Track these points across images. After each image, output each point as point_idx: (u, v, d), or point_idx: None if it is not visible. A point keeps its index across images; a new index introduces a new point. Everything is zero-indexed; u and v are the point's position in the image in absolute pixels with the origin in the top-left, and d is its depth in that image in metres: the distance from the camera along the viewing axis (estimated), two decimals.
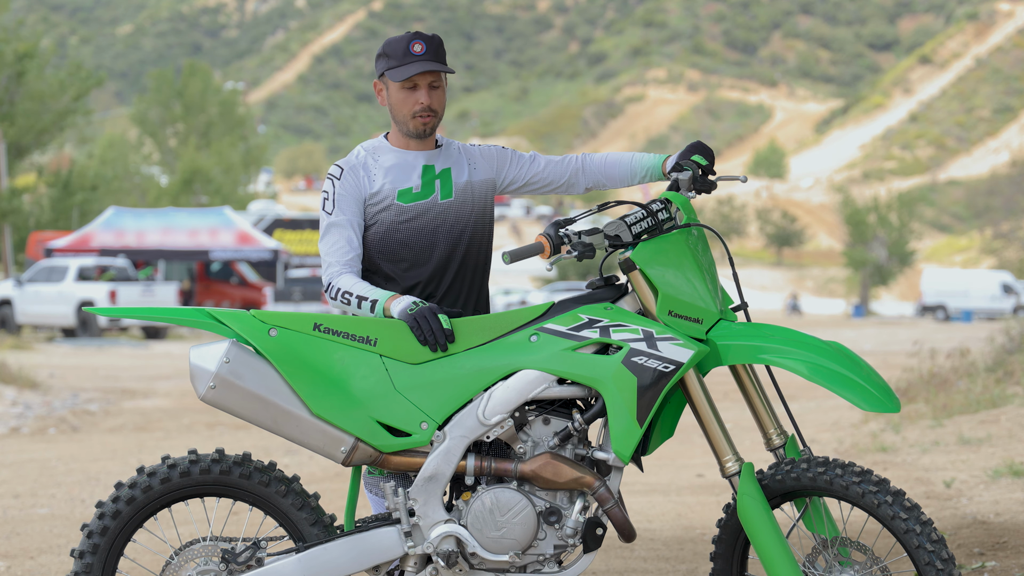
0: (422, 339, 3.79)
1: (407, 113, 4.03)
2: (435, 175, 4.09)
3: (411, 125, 4.05)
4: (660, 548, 6.32)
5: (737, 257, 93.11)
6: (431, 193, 4.07)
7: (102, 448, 10.88)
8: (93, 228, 35.57)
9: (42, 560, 6.31)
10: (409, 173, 4.07)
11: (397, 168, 4.07)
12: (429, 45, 4.00)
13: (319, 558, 3.78)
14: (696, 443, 10.35)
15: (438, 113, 4.06)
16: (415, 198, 4.05)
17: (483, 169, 4.17)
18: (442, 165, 4.11)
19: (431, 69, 3.97)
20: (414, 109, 4.02)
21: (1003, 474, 7.76)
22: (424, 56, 3.99)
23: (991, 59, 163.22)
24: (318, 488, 8.12)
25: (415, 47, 3.99)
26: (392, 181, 4.06)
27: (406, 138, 4.10)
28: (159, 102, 65.33)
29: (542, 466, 3.75)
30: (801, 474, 3.73)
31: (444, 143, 4.17)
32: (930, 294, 54.65)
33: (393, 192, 4.04)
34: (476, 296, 4.15)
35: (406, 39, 4.01)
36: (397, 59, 4.00)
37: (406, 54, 3.99)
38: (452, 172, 4.11)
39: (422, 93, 4.01)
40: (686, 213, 3.87)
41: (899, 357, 19.89)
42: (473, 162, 4.17)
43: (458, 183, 4.10)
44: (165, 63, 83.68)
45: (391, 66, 4.01)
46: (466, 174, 4.13)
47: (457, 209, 4.08)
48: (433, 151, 4.12)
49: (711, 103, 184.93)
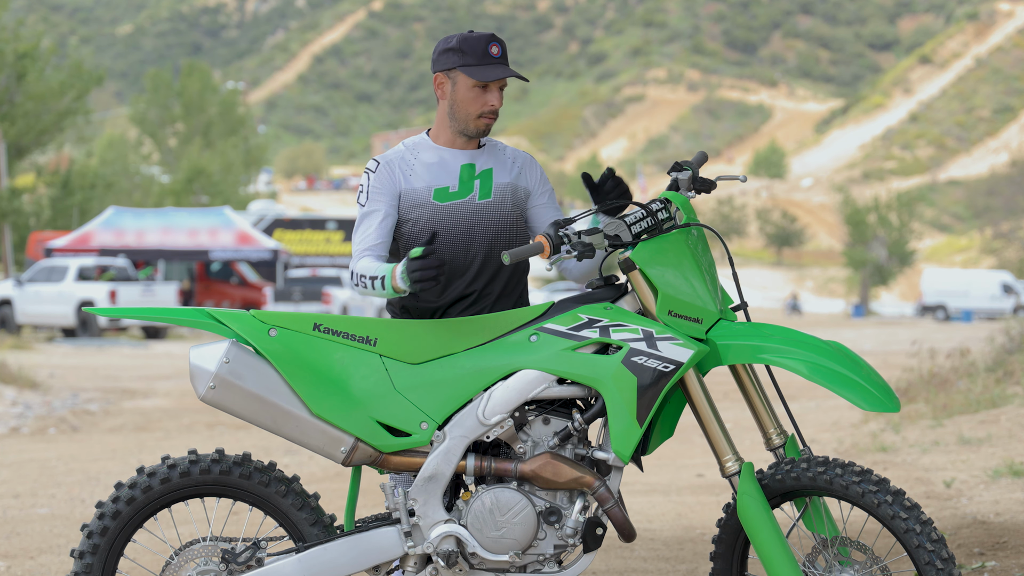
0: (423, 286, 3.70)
1: (473, 112, 4.02)
2: (475, 174, 4.07)
3: (473, 125, 4.04)
4: (660, 548, 6.32)
5: (737, 257, 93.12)
6: (468, 192, 4.05)
7: (102, 448, 10.88)
8: (93, 228, 35.56)
9: (42, 560, 6.31)
10: (447, 171, 4.05)
11: (436, 166, 4.06)
12: (503, 49, 4.05)
13: (319, 558, 3.78)
14: (696, 443, 10.34)
15: (497, 115, 4.09)
16: (451, 197, 4.03)
17: (524, 177, 4.15)
18: (484, 165, 4.09)
19: (515, 76, 4.01)
20: (483, 110, 4.01)
21: (1003, 474, 7.76)
22: (501, 60, 4.02)
23: (991, 59, 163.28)
24: (318, 488, 8.12)
25: (493, 49, 4.00)
26: (430, 179, 4.04)
27: (453, 136, 4.08)
28: (157, 102, 65.33)
29: (542, 466, 3.75)
30: (801, 474, 3.72)
31: (488, 143, 4.15)
32: (930, 294, 54.67)
33: (430, 190, 4.03)
34: (516, 298, 4.12)
35: (484, 40, 4.01)
36: (476, 58, 3.99)
37: (485, 55, 3.99)
38: (494, 172, 4.09)
39: (494, 95, 4.01)
40: (686, 213, 3.87)
41: (899, 357, 19.89)
42: (518, 167, 4.15)
43: (499, 184, 4.09)
44: (165, 63, 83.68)
45: (467, 63, 3.99)
46: (509, 176, 4.11)
47: (495, 209, 4.06)
48: (476, 150, 4.11)
49: (711, 103, 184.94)
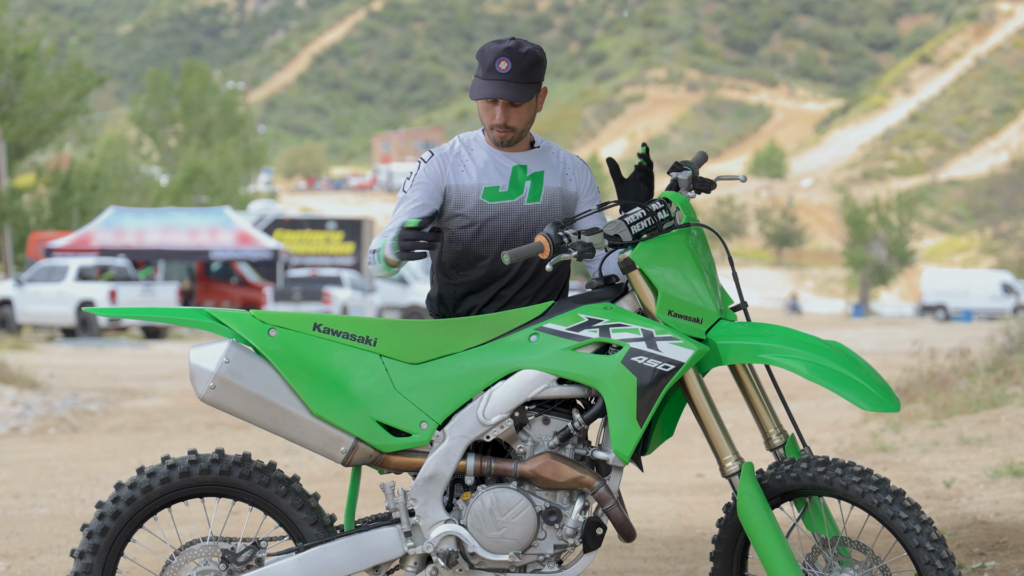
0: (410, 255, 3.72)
1: (487, 123, 4.02)
2: (526, 176, 4.05)
3: (490, 135, 4.04)
4: (660, 548, 6.32)
5: (737, 257, 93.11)
6: (518, 194, 4.04)
7: (102, 448, 10.88)
8: (93, 228, 35.54)
9: (42, 560, 6.31)
10: (499, 172, 4.04)
11: (489, 165, 4.04)
12: (517, 64, 3.91)
13: (319, 558, 3.78)
14: (696, 443, 10.34)
15: (517, 129, 4.00)
16: (500, 197, 4.02)
17: (573, 182, 4.12)
18: (536, 167, 4.07)
19: (500, 96, 3.90)
20: (492, 122, 3.99)
21: (1003, 474, 7.76)
22: (507, 76, 3.90)
23: (991, 59, 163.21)
24: (318, 488, 8.12)
25: (500, 64, 3.91)
26: (481, 177, 4.03)
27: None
28: (157, 102, 65.30)
29: (542, 466, 3.75)
30: (801, 474, 3.72)
31: (543, 145, 4.12)
32: (930, 294, 54.67)
33: (480, 188, 4.02)
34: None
35: (495, 53, 3.93)
36: (482, 72, 3.95)
37: (491, 69, 3.92)
38: (545, 175, 4.07)
39: (499, 111, 3.96)
40: (686, 213, 3.87)
41: (899, 357, 19.88)
42: (568, 172, 4.12)
43: (549, 187, 4.06)
44: (165, 63, 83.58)
45: (478, 75, 3.96)
46: (559, 181, 4.09)
47: (542, 213, 4.04)
48: (527, 152, 4.08)
49: (711, 103, 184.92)
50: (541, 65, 3.97)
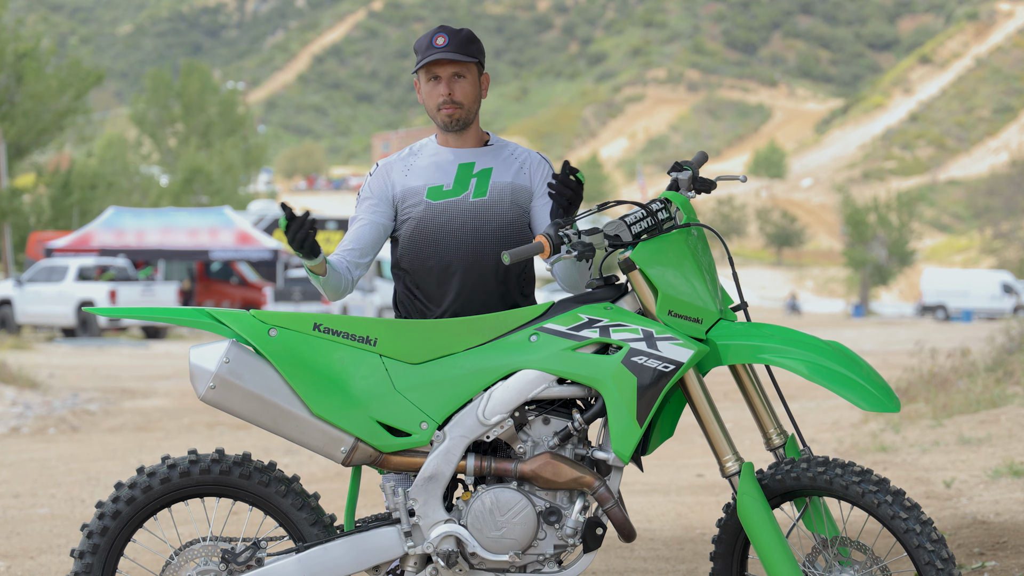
0: (297, 244, 3.76)
1: (433, 106, 4.05)
2: (472, 173, 4.07)
3: (438, 118, 4.06)
4: (660, 548, 6.32)
5: (737, 257, 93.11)
6: (463, 191, 4.05)
7: (102, 448, 10.88)
8: (93, 228, 35.55)
9: (42, 560, 6.31)
10: (443, 170, 4.07)
11: (433, 166, 4.08)
12: (453, 38, 4.02)
13: (319, 558, 3.78)
14: (696, 443, 10.34)
15: (464, 104, 4.04)
16: (445, 195, 4.04)
17: (526, 175, 4.12)
18: (484, 164, 4.08)
19: (446, 58, 3.97)
20: (438, 101, 4.03)
21: (1003, 474, 7.76)
22: (446, 48, 4.00)
23: (991, 59, 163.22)
24: (318, 488, 8.12)
25: (438, 39, 4.01)
26: (427, 177, 4.06)
27: (445, 135, 4.11)
28: (157, 102, 65.29)
29: (542, 466, 3.74)
30: (801, 474, 3.72)
31: (497, 143, 4.15)
32: (930, 294, 54.67)
33: (424, 189, 4.05)
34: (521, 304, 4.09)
35: (431, 34, 4.04)
36: (421, 53, 4.04)
37: (429, 47, 4.01)
38: (494, 171, 4.08)
39: (443, 84, 4.02)
40: (686, 213, 3.87)
41: (899, 357, 19.88)
42: (523, 167, 4.13)
43: (498, 182, 4.07)
44: (165, 63, 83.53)
45: (418, 61, 4.04)
46: (510, 176, 4.10)
47: (489, 209, 4.05)
48: (477, 149, 4.10)
49: (711, 103, 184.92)
50: (478, 43, 4.07)
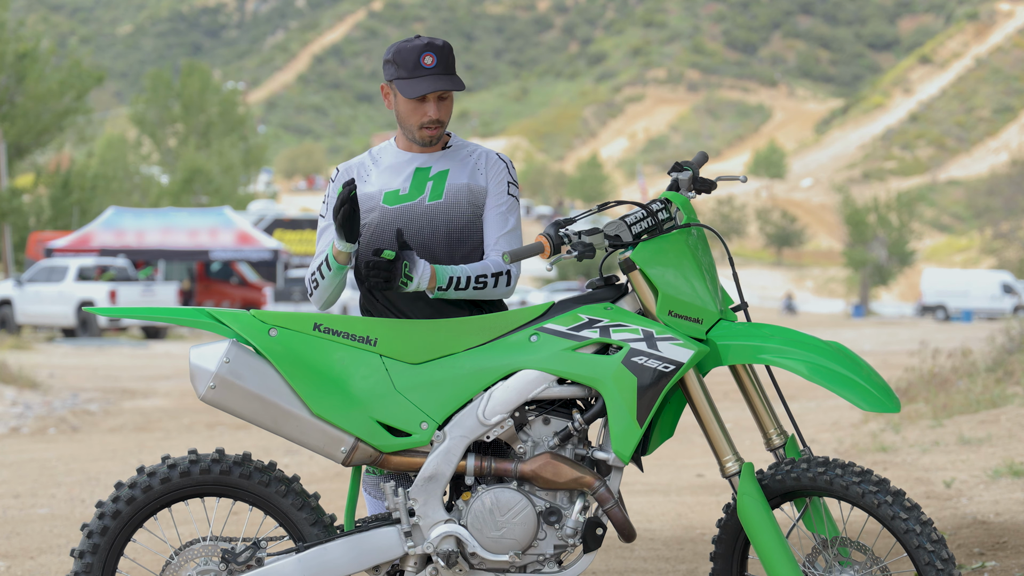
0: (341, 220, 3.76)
1: (414, 124, 3.98)
2: (428, 177, 4.03)
3: (418, 135, 4.00)
4: (660, 548, 6.32)
5: (737, 257, 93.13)
6: (419, 195, 4.01)
7: (102, 448, 10.88)
8: (93, 228, 35.56)
9: (42, 560, 6.31)
10: (400, 175, 4.03)
11: (390, 170, 4.04)
12: (440, 57, 3.92)
13: (319, 558, 3.78)
14: (696, 443, 10.34)
15: (445, 124, 4.01)
16: (400, 200, 4.01)
17: (481, 175, 4.07)
18: (441, 166, 4.04)
19: (443, 88, 3.90)
20: (422, 121, 3.96)
21: (1003, 474, 7.76)
22: (435, 69, 3.90)
23: (991, 59, 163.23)
24: (318, 488, 8.12)
25: (426, 59, 3.90)
26: (383, 183, 4.03)
27: (409, 141, 4.07)
28: (157, 102, 65.29)
29: (542, 466, 3.74)
30: (801, 474, 3.72)
31: (456, 144, 4.10)
32: (930, 294, 54.68)
33: (381, 194, 4.02)
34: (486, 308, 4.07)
35: (417, 50, 3.91)
36: (407, 71, 3.92)
37: (416, 67, 3.91)
38: (450, 174, 4.03)
39: (431, 107, 3.95)
40: (686, 213, 3.87)
41: (899, 357, 19.89)
42: (480, 167, 4.08)
43: (454, 184, 4.03)
44: (165, 63, 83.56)
45: (400, 76, 3.93)
46: (467, 177, 4.05)
47: (446, 211, 4.01)
48: (435, 153, 4.06)
49: (711, 103, 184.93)
50: (453, 55, 4.01)
